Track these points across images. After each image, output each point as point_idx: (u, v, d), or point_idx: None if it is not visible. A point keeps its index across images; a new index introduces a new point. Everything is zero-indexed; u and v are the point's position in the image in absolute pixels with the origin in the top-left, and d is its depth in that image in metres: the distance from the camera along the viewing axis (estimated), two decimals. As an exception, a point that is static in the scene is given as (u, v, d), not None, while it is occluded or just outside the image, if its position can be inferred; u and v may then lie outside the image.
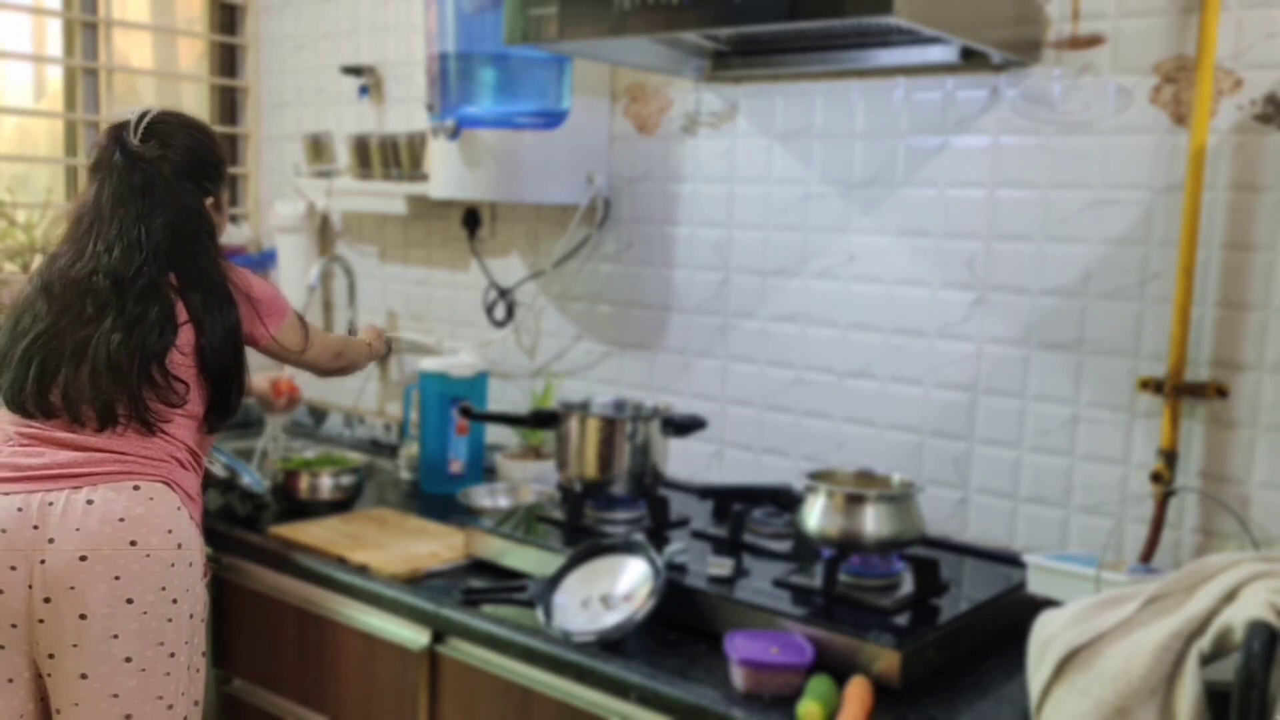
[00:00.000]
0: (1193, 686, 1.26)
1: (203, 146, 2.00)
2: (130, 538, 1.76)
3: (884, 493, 1.79)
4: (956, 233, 2.09)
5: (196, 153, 1.98)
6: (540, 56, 2.35)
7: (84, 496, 1.77)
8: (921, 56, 2.04)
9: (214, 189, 2.01)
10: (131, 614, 1.75)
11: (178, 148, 1.95)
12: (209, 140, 2.02)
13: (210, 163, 2.01)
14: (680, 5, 1.74)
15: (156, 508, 1.80)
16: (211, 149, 2.02)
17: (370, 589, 1.98)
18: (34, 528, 1.73)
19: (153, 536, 1.78)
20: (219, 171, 2.03)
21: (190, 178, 1.95)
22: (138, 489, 1.80)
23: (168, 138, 1.95)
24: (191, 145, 1.98)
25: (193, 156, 1.97)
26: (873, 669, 1.58)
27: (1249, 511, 1.81)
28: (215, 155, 2.02)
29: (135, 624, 1.75)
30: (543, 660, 1.73)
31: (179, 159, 1.95)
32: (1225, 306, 1.82)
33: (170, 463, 1.87)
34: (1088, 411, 1.96)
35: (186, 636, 1.82)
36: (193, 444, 1.92)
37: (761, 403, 2.37)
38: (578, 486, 2.12)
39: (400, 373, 3.05)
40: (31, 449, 1.81)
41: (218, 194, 2.03)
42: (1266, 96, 1.77)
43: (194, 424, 1.91)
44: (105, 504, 1.77)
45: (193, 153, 1.97)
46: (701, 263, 2.43)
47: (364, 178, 2.89)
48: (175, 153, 1.94)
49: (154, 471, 1.84)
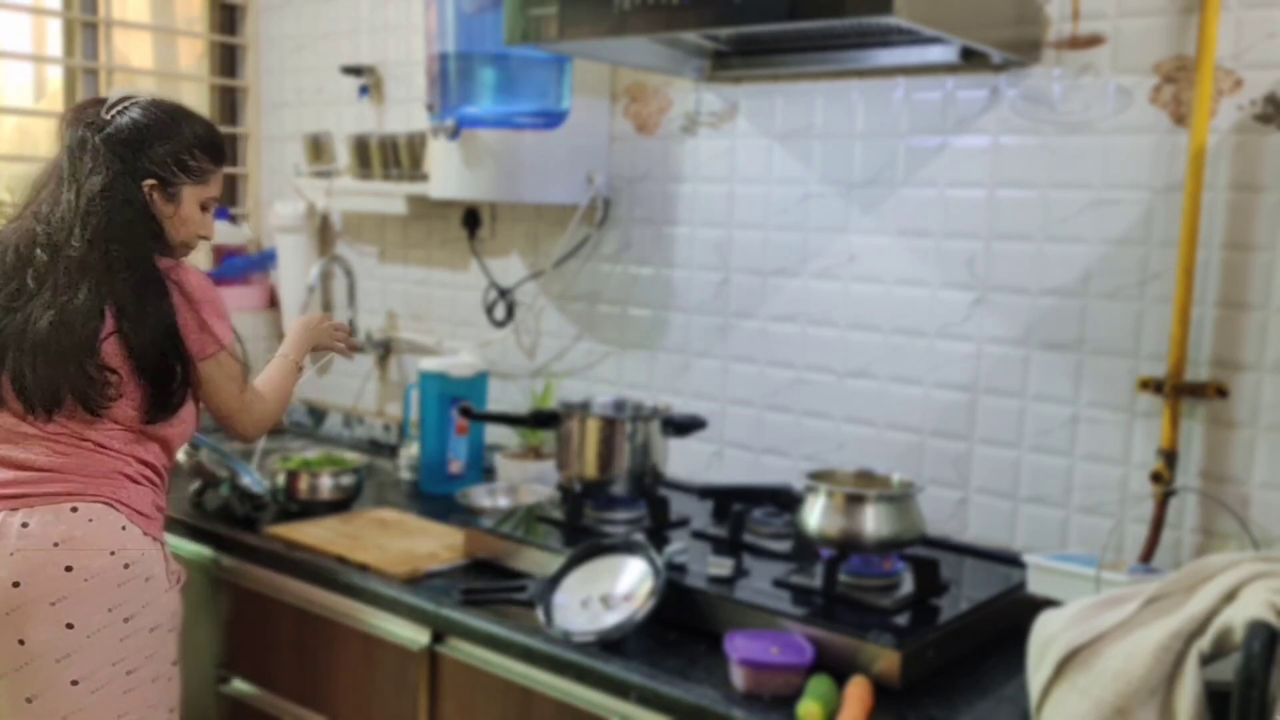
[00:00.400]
0: (1193, 686, 1.26)
1: (155, 122, 1.87)
2: (66, 563, 1.73)
3: (884, 493, 1.79)
4: (956, 233, 2.09)
5: (144, 127, 1.85)
6: (540, 56, 2.35)
7: (19, 519, 1.74)
8: (921, 56, 2.04)
9: (160, 171, 1.86)
10: (75, 637, 1.73)
11: (125, 120, 1.85)
12: (168, 120, 1.89)
13: (156, 140, 1.86)
14: (680, 5, 1.74)
15: (96, 529, 1.76)
16: (164, 127, 1.87)
17: (370, 589, 1.98)
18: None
19: (93, 560, 1.74)
20: (170, 154, 1.87)
21: (128, 150, 1.83)
22: (75, 510, 1.76)
23: (125, 111, 1.86)
24: (140, 120, 1.86)
25: (135, 130, 1.85)
26: (873, 669, 1.58)
27: (1249, 511, 1.81)
28: (166, 134, 1.87)
29: (81, 647, 1.73)
30: (543, 660, 1.73)
31: (118, 130, 1.84)
32: (1225, 306, 1.82)
33: (115, 479, 1.81)
34: (1088, 411, 1.96)
35: (149, 651, 1.80)
36: (143, 455, 1.85)
37: (761, 403, 2.36)
38: (578, 486, 2.12)
39: (400, 373, 3.06)
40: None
41: (167, 178, 1.87)
42: (1266, 96, 1.77)
43: (138, 434, 1.84)
44: (42, 527, 1.73)
45: (138, 126, 1.85)
46: (701, 263, 2.43)
47: (364, 178, 2.89)
48: (120, 123, 1.84)
49: (95, 491, 1.79)
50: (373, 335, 3.06)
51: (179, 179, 1.89)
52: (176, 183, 1.89)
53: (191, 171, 1.90)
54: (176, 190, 1.89)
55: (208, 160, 1.93)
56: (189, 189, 1.91)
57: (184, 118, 1.92)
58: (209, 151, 1.93)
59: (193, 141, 1.90)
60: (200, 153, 1.91)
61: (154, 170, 1.86)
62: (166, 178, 1.87)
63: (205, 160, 1.92)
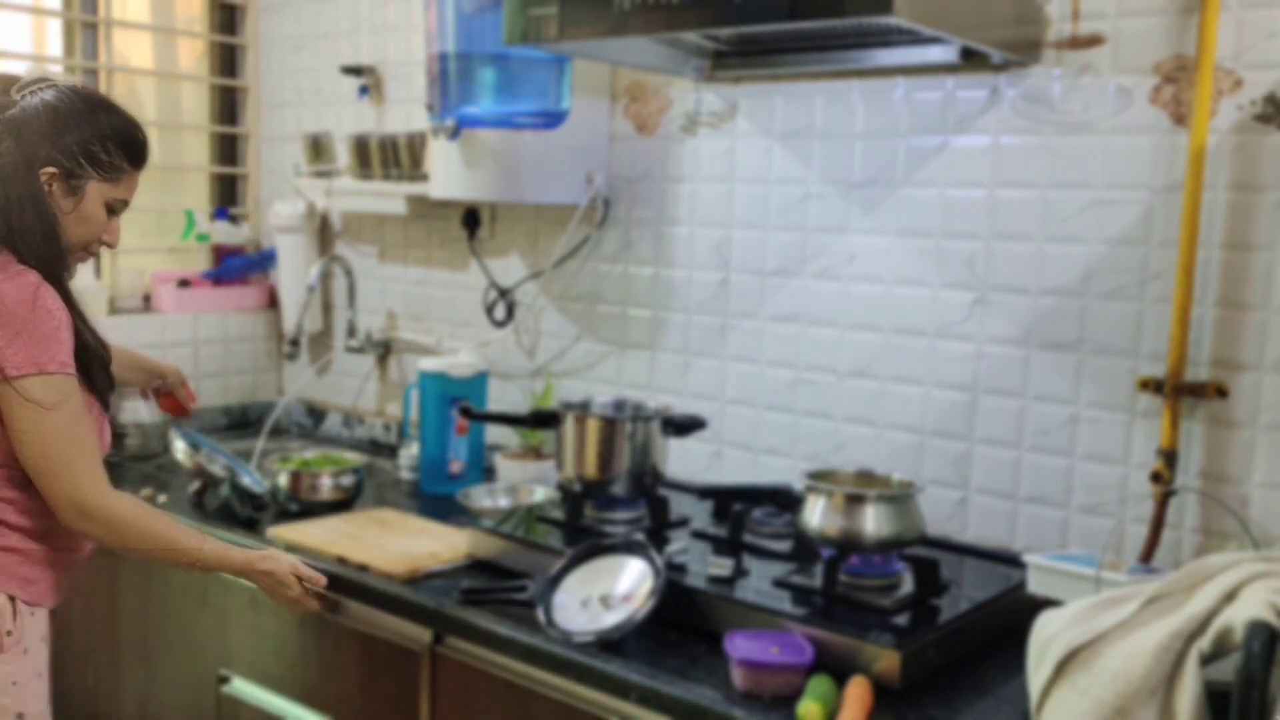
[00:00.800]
0: (1193, 686, 1.26)
1: (68, 108, 1.68)
2: None
3: (884, 493, 1.79)
4: (956, 233, 2.09)
5: (54, 110, 1.67)
6: (540, 56, 2.34)
7: None
8: (921, 56, 2.04)
9: (64, 159, 1.67)
10: None
11: (34, 100, 1.67)
12: (84, 107, 1.70)
13: (66, 127, 1.67)
14: (680, 5, 1.74)
15: None
16: (78, 115, 1.69)
17: (370, 589, 1.98)
18: None
19: None
20: (78, 143, 1.68)
21: (31, 133, 1.65)
22: None
23: (37, 92, 1.68)
24: (51, 102, 1.68)
25: (43, 112, 1.66)
26: (873, 669, 1.58)
27: (1249, 511, 1.81)
28: (78, 122, 1.69)
29: None
30: (543, 660, 1.73)
31: (24, 110, 1.66)
32: (1225, 306, 1.82)
33: None
34: (1088, 411, 1.96)
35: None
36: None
37: (761, 403, 2.36)
38: (578, 486, 2.12)
39: (400, 373, 3.06)
40: None
41: (71, 168, 1.68)
42: (1266, 96, 1.77)
43: None
44: None
45: (47, 108, 1.66)
46: (701, 263, 2.43)
47: (364, 178, 2.89)
48: (28, 103, 1.66)
49: None
50: (372, 335, 3.06)
51: (85, 171, 1.70)
52: (81, 175, 1.70)
53: (101, 165, 1.71)
54: (80, 184, 1.70)
55: (123, 158, 1.74)
56: (95, 185, 1.72)
57: (104, 108, 1.74)
58: (125, 149, 1.75)
59: (108, 134, 1.72)
60: (115, 148, 1.73)
61: (56, 157, 1.67)
62: (70, 168, 1.68)
63: (120, 157, 1.74)
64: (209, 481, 2.41)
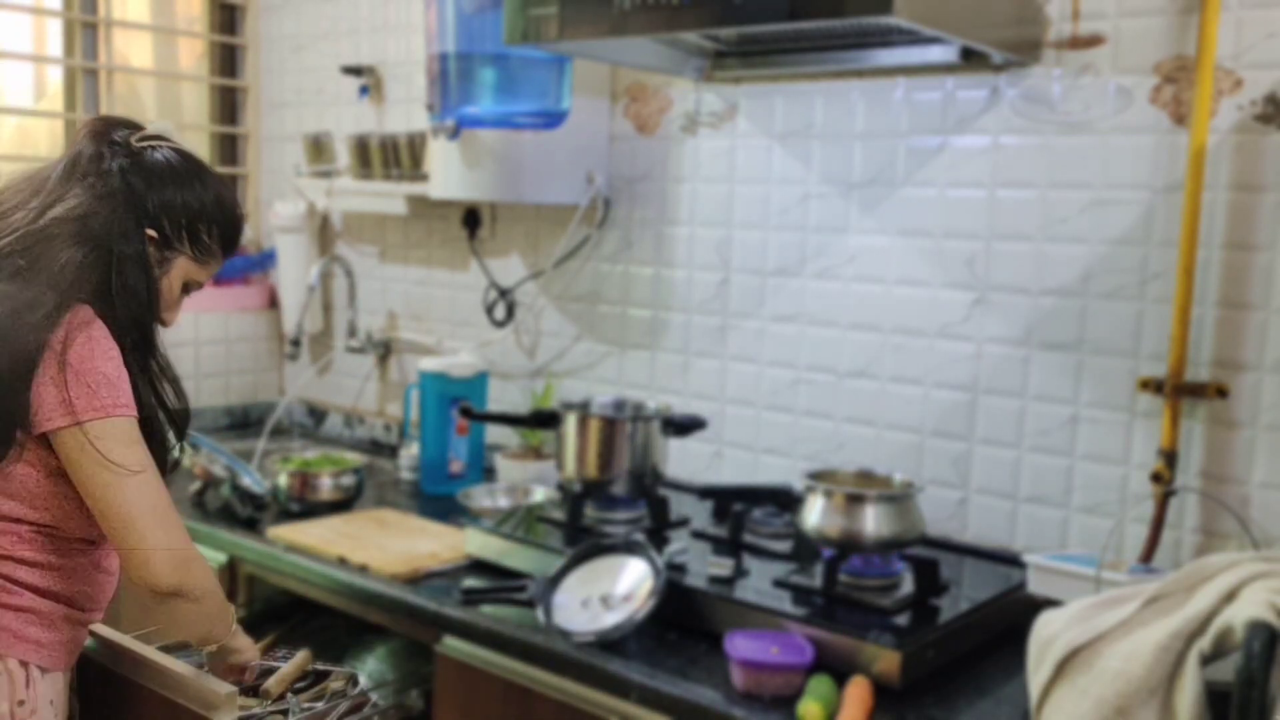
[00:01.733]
0: (1193, 686, 1.26)
1: (180, 170, 1.60)
2: None
3: (884, 493, 1.79)
4: (956, 233, 2.09)
5: (170, 170, 1.58)
6: (540, 56, 2.34)
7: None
8: (921, 56, 2.04)
9: (165, 223, 1.57)
10: None
11: (157, 156, 1.58)
12: (195, 174, 1.61)
13: (193, 205, 1.58)
14: (680, 5, 1.74)
15: None
16: (190, 180, 1.60)
17: (370, 589, 1.98)
18: None
19: None
20: (184, 213, 1.58)
21: (145, 187, 1.55)
22: None
23: (158, 148, 1.60)
24: (171, 162, 1.59)
25: (162, 168, 1.57)
26: (873, 669, 1.58)
27: (1249, 511, 1.81)
28: (188, 187, 1.59)
29: None
30: (543, 660, 1.73)
31: (152, 174, 1.57)
32: (1225, 306, 1.82)
33: None
34: (1088, 411, 1.96)
35: None
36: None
37: (761, 403, 2.36)
38: (578, 486, 2.12)
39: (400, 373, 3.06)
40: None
41: (170, 237, 1.58)
42: (1266, 96, 1.77)
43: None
44: None
45: (167, 164, 1.58)
46: (701, 263, 2.43)
47: (364, 178, 2.89)
48: (153, 168, 1.57)
49: None
50: (373, 335, 3.06)
51: (181, 246, 1.60)
52: (176, 249, 1.59)
53: (198, 244, 1.61)
54: (172, 256, 1.60)
55: (219, 241, 1.64)
56: (183, 261, 1.61)
57: (215, 183, 1.65)
58: (224, 231, 1.65)
59: (213, 212, 1.62)
60: (216, 229, 1.63)
61: (162, 224, 1.57)
62: (170, 237, 1.58)
63: (217, 240, 1.64)
64: (210, 482, 2.41)
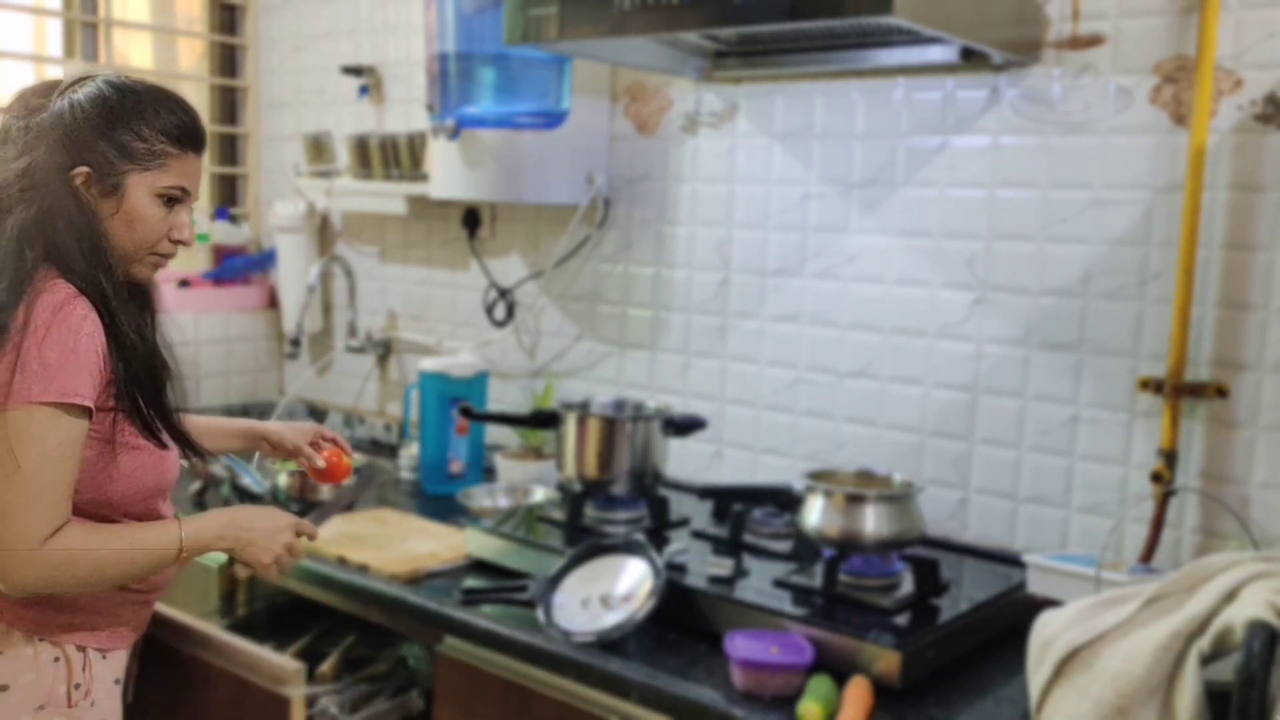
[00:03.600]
0: (1193, 686, 1.26)
1: (98, 102, 1.46)
2: None
3: (884, 493, 1.79)
4: (956, 233, 2.09)
5: (80, 107, 1.46)
6: (540, 56, 2.35)
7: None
8: (921, 56, 2.04)
9: (90, 156, 1.45)
10: None
11: (62, 103, 1.47)
12: (117, 98, 1.48)
13: (97, 121, 1.46)
14: (680, 5, 1.74)
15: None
16: (110, 108, 1.46)
17: (370, 589, 1.98)
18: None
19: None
20: (98, 134, 1.45)
21: (58, 134, 1.45)
22: None
23: (69, 92, 1.48)
24: (80, 100, 1.47)
25: (71, 112, 1.46)
26: (873, 669, 1.58)
27: (1249, 511, 1.81)
28: (111, 115, 1.46)
29: None
30: (543, 660, 1.73)
31: (51, 114, 1.46)
32: (1225, 306, 1.82)
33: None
34: (1088, 411, 1.96)
35: None
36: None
37: (761, 403, 2.36)
38: (578, 486, 2.12)
39: (400, 373, 3.06)
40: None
41: (101, 165, 1.46)
42: (1266, 96, 1.77)
43: None
44: None
45: (74, 106, 1.46)
46: (701, 263, 2.43)
47: (364, 178, 2.89)
48: (56, 106, 1.46)
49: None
50: (373, 335, 3.06)
51: (120, 165, 1.46)
52: (118, 170, 1.46)
53: (136, 155, 1.47)
54: (118, 180, 1.46)
55: (164, 140, 1.49)
56: (136, 177, 1.47)
57: (133, 92, 1.49)
58: (165, 129, 1.49)
59: (140, 117, 1.48)
60: (152, 131, 1.48)
61: (85, 157, 1.45)
62: (101, 165, 1.45)
63: (159, 140, 1.49)
64: (209, 481, 2.41)
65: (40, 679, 1.48)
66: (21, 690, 1.47)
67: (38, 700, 1.48)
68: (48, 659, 1.49)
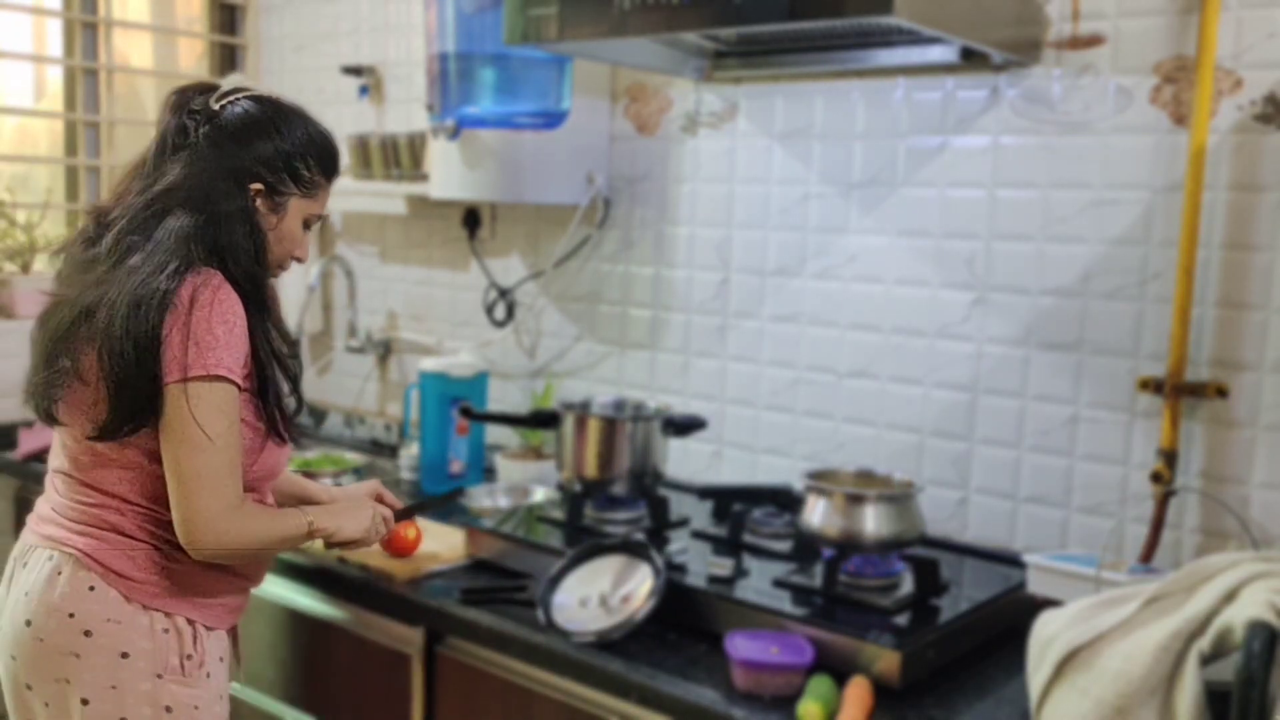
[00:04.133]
0: (1193, 686, 1.26)
1: (268, 118, 1.64)
2: (27, 617, 1.57)
3: (884, 493, 1.79)
4: (956, 233, 2.09)
5: (255, 121, 1.62)
6: (540, 56, 2.35)
7: (25, 559, 1.62)
8: (921, 56, 2.04)
9: (268, 175, 1.62)
10: (34, 700, 1.58)
11: (237, 110, 1.63)
12: (283, 117, 1.66)
13: (267, 137, 1.62)
14: (680, 5, 1.74)
15: (60, 586, 1.55)
16: (278, 125, 1.64)
17: (371, 589, 1.97)
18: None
19: (50, 619, 1.55)
20: (281, 157, 1.63)
21: (235, 145, 1.60)
22: (51, 559, 1.58)
23: (237, 102, 1.64)
24: (253, 111, 1.63)
25: (246, 122, 1.62)
26: (873, 669, 1.58)
27: (1249, 511, 1.81)
28: (279, 133, 1.64)
29: (42, 713, 1.58)
30: (543, 660, 1.73)
31: (228, 121, 1.61)
32: (1225, 306, 1.82)
33: (99, 531, 1.56)
34: (1088, 411, 1.96)
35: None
36: (139, 497, 1.57)
37: (761, 403, 2.36)
38: (578, 486, 2.12)
39: (400, 373, 3.06)
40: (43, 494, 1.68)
41: (274, 184, 1.63)
42: (1266, 96, 1.77)
43: (136, 471, 1.56)
44: (27, 573, 1.60)
45: (249, 118, 1.62)
46: (701, 263, 2.43)
47: (364, 178, 2.89)
48: (230, 113, 1.62)
49: (71, 541, 1.57)
50: (373, 335, 3.06)
51: (288, 188, 1.65)
52: (285, 192, 1.64)
53: (302, 181, 1.66)
54: (283, 200, 1.65)
55: (320, 172, 1.69)
56: (296, 201, 1.66)
57: (300, 118, 1.69)
58: (323, 161, 1.69)
59: (307, 146, 1.66)
60: (314, 161, 1.67)
61: (261, 173, 1.62)
62: (274, 184, 1.63)
63: (318, 171, 1.68)
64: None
65: (156, 647, 1.57)
66: (142, 657, 1.56)
67: (156, 668, 1.57)
68: (159, 629, 1.58)
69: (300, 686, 2.13)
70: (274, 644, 2.17)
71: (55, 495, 1.64)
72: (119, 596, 1.56)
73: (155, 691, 1.56)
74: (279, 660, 2.16)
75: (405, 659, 1.93)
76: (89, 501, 1.58)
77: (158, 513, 1.57)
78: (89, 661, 1.54)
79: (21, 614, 1.58)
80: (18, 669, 1.59)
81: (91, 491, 1.59)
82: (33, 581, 1.58)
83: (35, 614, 1.56)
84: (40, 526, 1.63)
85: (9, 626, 1.60)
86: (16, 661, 1.58)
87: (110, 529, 1.57)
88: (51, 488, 1.66)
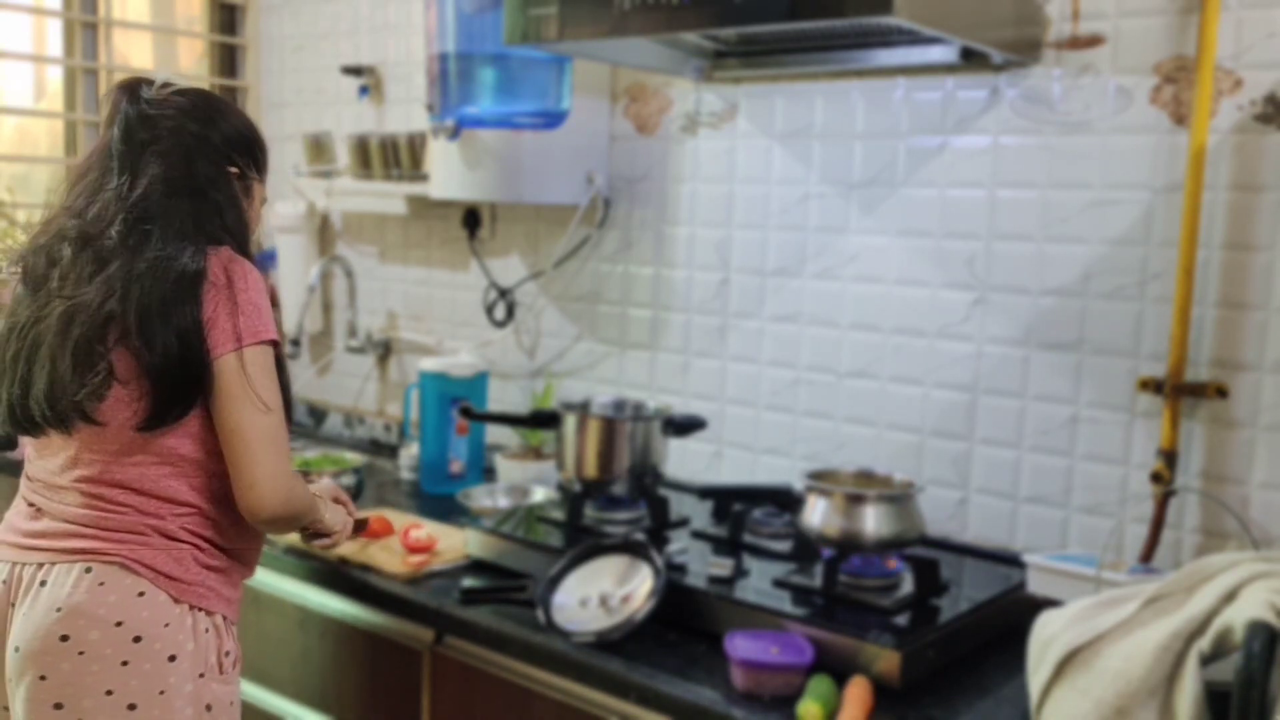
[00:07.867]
0: (1193, 686, 1.26)
1: (237, 116, 1.70)
2: (63, 632, 1.50)
3: (884, 493, 1.79)
4: (956, 233, 2.09)
5: (227, 119, 1.68)
6: (540, 56, 2.35)
7: (41, 577, 1.55)
8: (921, 56, 2.04)
9: (243, 163, 1.69)
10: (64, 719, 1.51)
11: (202, 108, 1.66)
12: (219, 103, 1.71)
13: (242, 134, 1.69)
14: (680, 5, 1.74)
15: (104, 595, 1.52)
16: (246, 124, 1.72)
17: (371, 589, 1.97)
18: (10, 604, 1.57)
19: (92, 630, 1.50)
20: (252, 148, 1.71)
21: (205, 129, 1.64)
22: (89, 571, 1.53)
23: (179, 93, 1.66)
24: (204, 99, 1.68)
25: (221, 121, 1.66)
26: (873, 669, 1.58)
27: (1249, 511, 1.81)
28: (250, 130, 1.71)
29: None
30: (543, 660, 1.73)
31: (203, 117, 1.64)
32: (1225, 306, 1.82)
33: (142, 536, 1.55)
34: (1088, 411, 1.96)
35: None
36: (187, 499, 1.58)
37: (761, 403, 2.36)
38: (578, 486, 2.12)
39: (400, 373, 3.06)
40: (26, 508, 1.62)
41: (249, 173, 1.70)
42: (1266, 96, 1.77)
43: (176, 467, 1.57)
44: (52, 589, 1.53)
45: (208, 107, 1.66)
46: (701, 263, 2.43)
47: (364, 178, 2.89)
48: (199, 112, 1.64)
49: (113, 550, 1.54)
50: (373, 335, 3.06)
51: (252, 172, 1.72)
52: (250, 176, 1.72)
53: (260, 169, 1.74)
54: (250, 184, 1.72)
55: (265, 158, 1.77)
56: (257, 186, 1.74)
57: (232, 106, 1.75)
58: (262, 148, 1.76)
59: (253, 132, 1.73)
60: (259, 149, 1.74)
61: (234, 158, 1.67)
62: (244, 168, 1.70)
63: (264, 156, 1.76)
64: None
65: (199, 648, 1.58)
66: (187, 659, 1.56)
67: (198, 668, 1.58)
68: (202, 628, 1.59)
69: (310, 684, 2.13)
70: (284, 641, 2.17)
71: (71, 508, 1.57)
72: (168, 599, 1.56)
73: (198, 691, 1.57)
74: (289, 658, 2.16)
75: (416, 655, 1.93)
76: (129, 505, 1.56)
77: (200, 509, 1.59)
78: (137, 668, 1.52)
79: (56, 630, 1.51)
80: (47, 689, 1.51)
81: (131, 494, 1.56)
82: (64, 596, 1.52)
83: (73, 628, 1.51)
84: (52, 541, 1.57)
85: (35, 645, 1.52)
86: (47, 680, 1.51)
87: (155, 533, 1.57)
88: (58, 500, 1.59)
